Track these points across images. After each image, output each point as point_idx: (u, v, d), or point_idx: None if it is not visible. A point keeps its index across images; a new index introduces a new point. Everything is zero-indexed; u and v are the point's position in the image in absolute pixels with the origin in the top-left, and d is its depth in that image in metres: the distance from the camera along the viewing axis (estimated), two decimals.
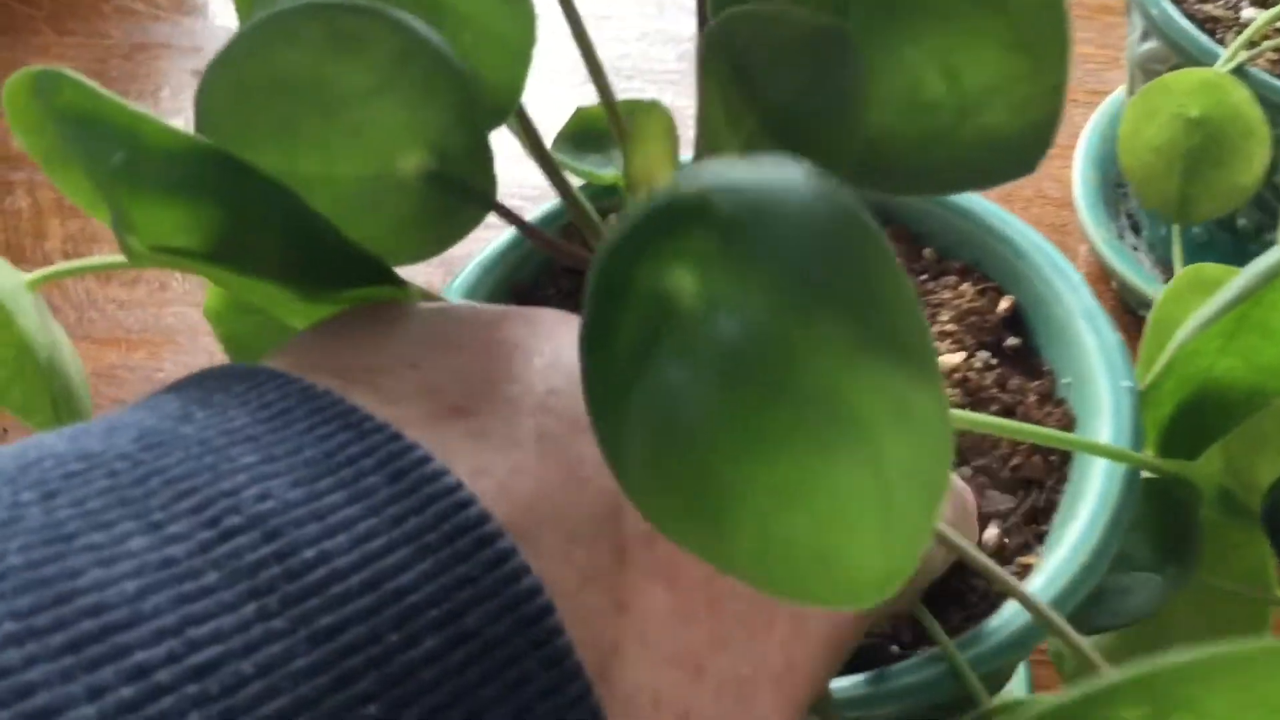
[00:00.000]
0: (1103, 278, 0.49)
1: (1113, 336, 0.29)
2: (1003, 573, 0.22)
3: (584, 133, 0.35)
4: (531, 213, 0.32)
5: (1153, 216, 0.47)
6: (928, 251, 0.33)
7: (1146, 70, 0.44)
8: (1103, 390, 0.28)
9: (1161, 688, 0.17)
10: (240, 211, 0.17)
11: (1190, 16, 0.42)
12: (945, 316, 0.31)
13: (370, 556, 0.14)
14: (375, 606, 0.14)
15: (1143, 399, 0.30)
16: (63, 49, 0.62)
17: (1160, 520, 0.28)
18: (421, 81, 0.17)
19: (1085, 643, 0.21)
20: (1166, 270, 0.48)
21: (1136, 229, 0.49)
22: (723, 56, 0.19)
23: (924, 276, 0.33)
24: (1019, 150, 0.20)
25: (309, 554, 0.14)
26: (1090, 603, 0.25)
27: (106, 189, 0.17)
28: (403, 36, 0.17)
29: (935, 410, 0.14)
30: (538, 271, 0.33)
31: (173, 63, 0.61)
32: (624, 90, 0.62)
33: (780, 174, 0.15)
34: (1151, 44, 0.43)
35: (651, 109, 0.21)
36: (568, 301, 0.32)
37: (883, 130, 0.20)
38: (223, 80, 0.18)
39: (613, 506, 0.17)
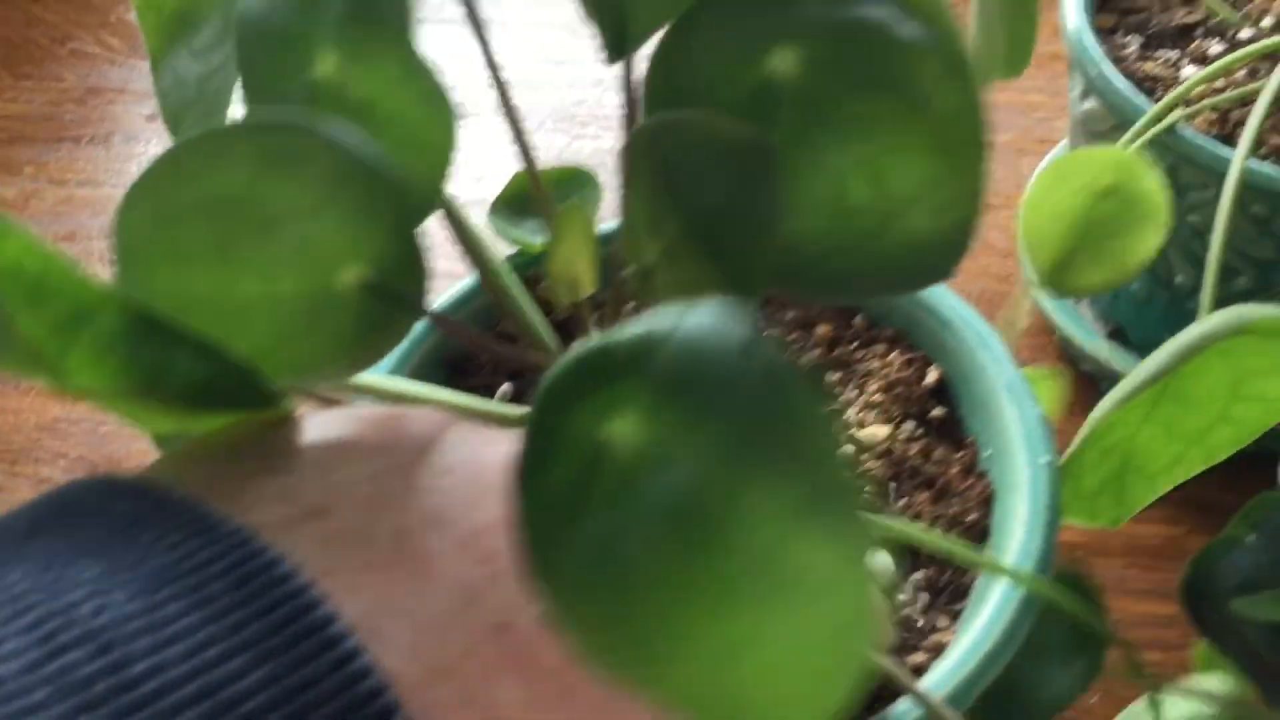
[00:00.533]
0: (1046, 330, 0.49)
1: (1034, 411, 0.30)
2: (897, 670, 0.22)
3: (522, 197, 0.35)
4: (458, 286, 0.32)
5: None
6: (858, 319, 0.33)
7: (1087, 127, 0.44)
8: (1021, 465, 0.29)
9: None
10: (154, 363, 0.17)
11: (1130, 75, 0.43)
12: (873, 386, 0.32)
13: (206, 665, 0.14)
14: (209, 714, 0.14)
15: (1064, 470, 0.30)
16: (17, 92, 0.61)
17: (1071, 608, 0.28)
18: (361, 198, 0.17)
19: None
20: (1108, 323, 0.48)
21: None
22: (647, 160, 0.19)
23: (854, 344, 0.33)
24: (940, 253, 0.20)
25: (142, 666, 0.14)
26: (1004, 697, 0.25)
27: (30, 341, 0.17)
28: (339, 155, 0.17)
29: (859, 569, 0.14)
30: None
31: (127, 108, 0.61)
32: (579, 135, 0.62)
33: (715, 326, 0.15)
34: (1091, 103, 0.43)
35: (572, 211, 0.21)
36: (499, 371, 0.32)
37: (811, 235, 0.20)
38: (147, 204, 0.18)
39: (464, 600, 0.17)
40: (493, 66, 0.22)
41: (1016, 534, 0.28)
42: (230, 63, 0.22)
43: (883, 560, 0.27)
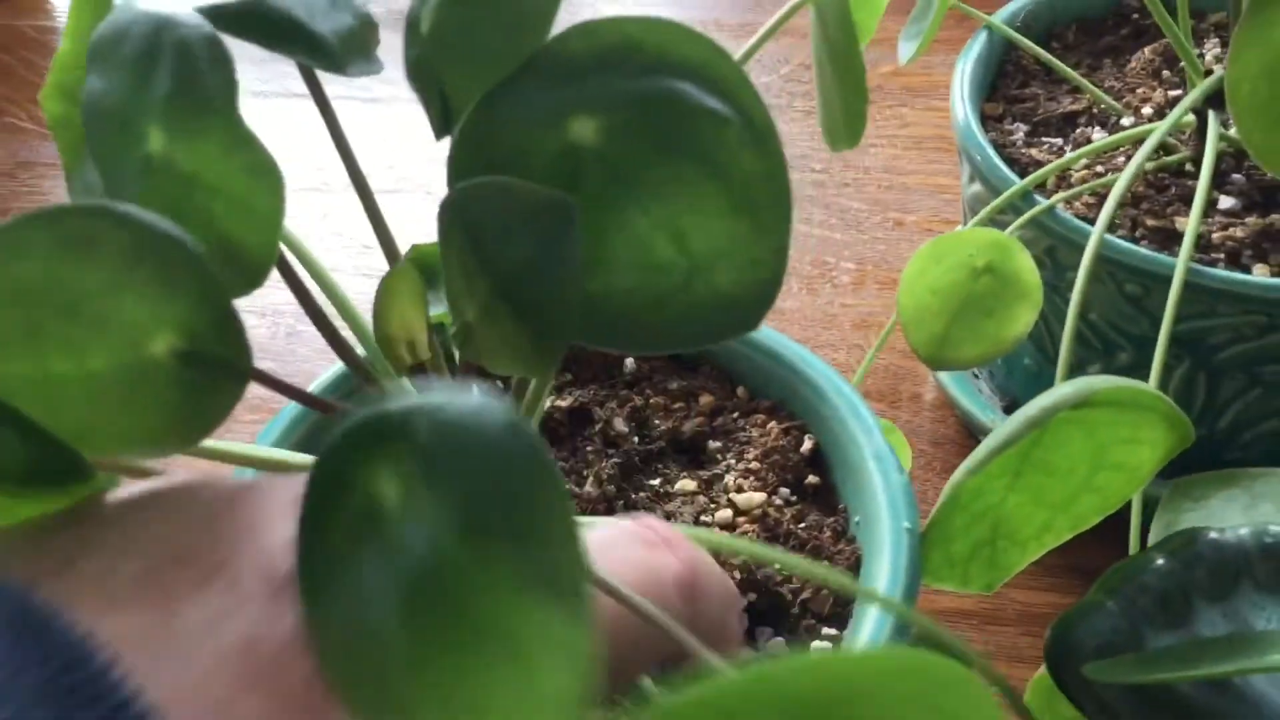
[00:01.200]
0: (948, 404, 0.50)
1: (899, 479, 0.30)
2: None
3: (426, 268, 0.35)
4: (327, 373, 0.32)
5: None
6: (740, 390, 0.34)
7: (975, 209, 0.45)
8: (885, 531, 0.29)
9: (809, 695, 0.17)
10: None
11: (1015, 160, 0.44)
12: (752, 454, 0.32)
13: None
14: None
15: (929, 535, 0.31)
16: None
17: None
18: (159, 272, 0.18)
19: None
20: (1005, 397, 0.49)
21: None
22: (459, 225, 0.20)
23: (735, 414, 0.34)
24: (744, 308, 0.21)
25: None
26: None
27: None
28: (131, 232, 0.18)
29: (581, 641, 0.15)
30: None
31: (57, 182, 0.62)
32: None
33: (476, 407, 0.16)
34: (977, 186, 0.44)
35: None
36: None
37: (620, 291, 0.21)
38: None
39: (208, 625, 0.17)
40: (341, 142, 0.23)
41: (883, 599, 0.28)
42: None
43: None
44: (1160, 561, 0.31)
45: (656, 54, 0.21)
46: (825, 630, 0.29)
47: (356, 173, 0.23)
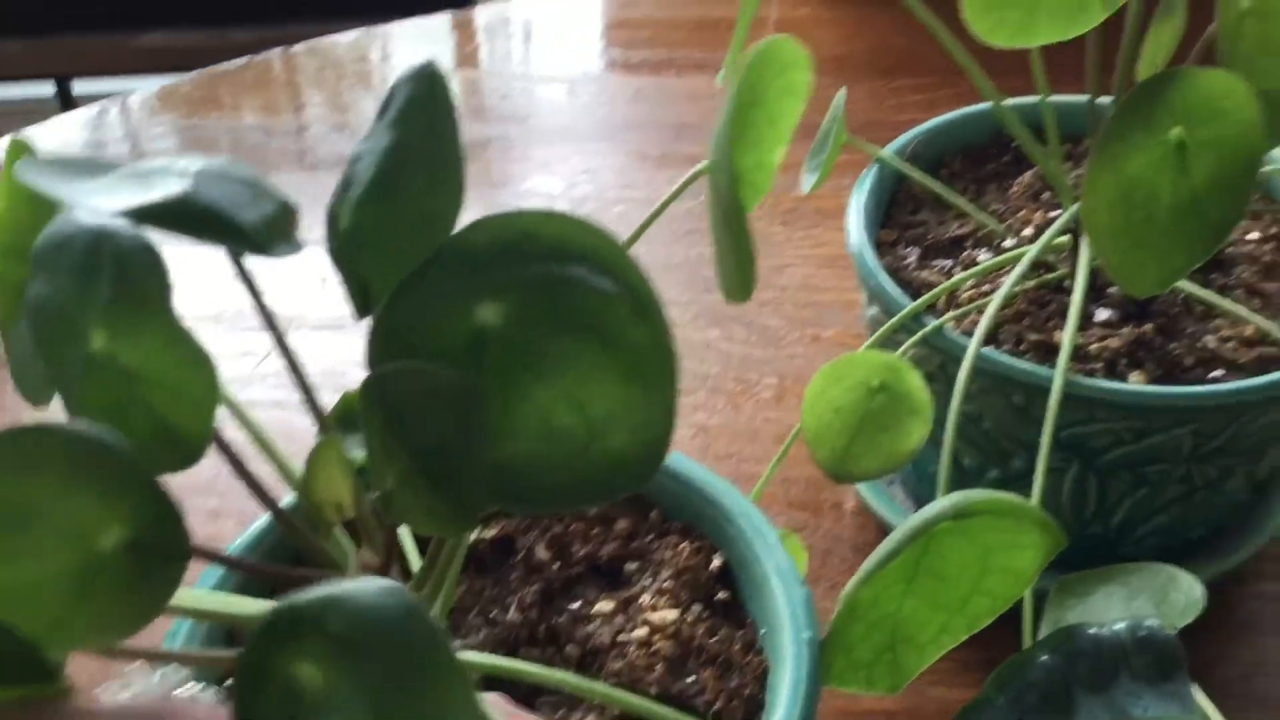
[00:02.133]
0: (867, 511, 0.53)
1: (800, 592, 0.33)
2: None
3: (349, 416, 0.38)
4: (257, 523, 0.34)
5: None
6: (654, 513, 0.37)
7: (874, 329, 0.49)
8: (788, 641, 0.32)
9: None
10: None
11: (908, 283, 0.48)
12: (665, 574, 0.35)
13: None
14: None
15: (830, 643, 0.33)
16: None
17: None
18: (100, 475, 0.20)
19: None
20: (918, 502, 0.52)
21: None
22: (378, 405, 0.23)
23: (649, 536, 0.36)
24: (638, 464, 0.24)
25: None
26: None
27: None
28: (73, 446, 0.20)
29: None
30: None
31: None
32: None
33: (381, 598, 0.18)
34: (875, 308, 0.48)
35: (325, 444, 0.24)
36: None
37: (525, 457, 0.23)
38: None
39: None
40: (268, 317, 0.25)
41: (783, 703, 0.30)
42: None
43: None
44: (1044, 658, 0.34)
45: (550, 242, 0.23)
46: None
47: (284, 345, 0.26)
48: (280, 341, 0.26)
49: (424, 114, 0.23)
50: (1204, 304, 0.45)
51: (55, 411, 0.23)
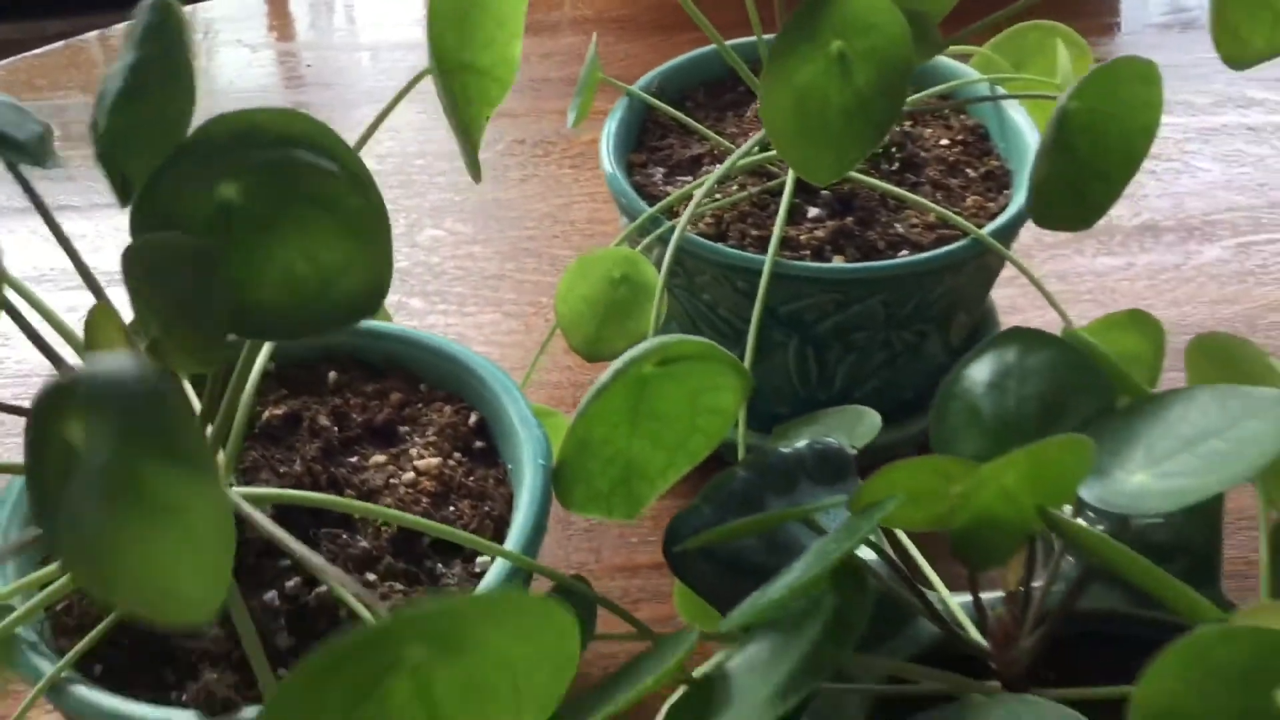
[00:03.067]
0: None
1: (538, 433, 0.39)
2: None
3: None
4: None
5: None
6: (423, 386, 0.43)
7: (630, 239, 0.55)
8: (527, 470, 0.38)
9: (437, 627, 0.25)
10: None
11: (653, 198, 0.54)
12: (431, 431, 0.41)
13: None
14: None
15: (564, 472, 0.39)
16: None
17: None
18: None
19: None
20: None
21: None
22: (137, 270, 0.28)
23: (420, 404, 0.42)
24: (364, 300, 0.30)
25: None
26: None
27: None
28: None
29: (218, 494, 0.23)
30: None
31: None
32: None
33: (120, 365, 0.23)
34: (625, 220, 0.54)
35: (100, 309, 0.30)
36: None
37: (274, 300, 0.29)
38: None
39: None
40: (86, 274, 0.30)
41: (522, 512, 0.37)
42: None
43: None
44: (742, 473, 0.41)
45: (278, 131, 0.29)
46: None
47: (93, 284, 0.31)
48: (99, 295, 0.31)
49: (159, 36, 0.29)
50: (896, 198, 0.53)
51: None
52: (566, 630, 0.25)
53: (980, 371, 0.36)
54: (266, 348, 0.37)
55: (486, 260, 0.71)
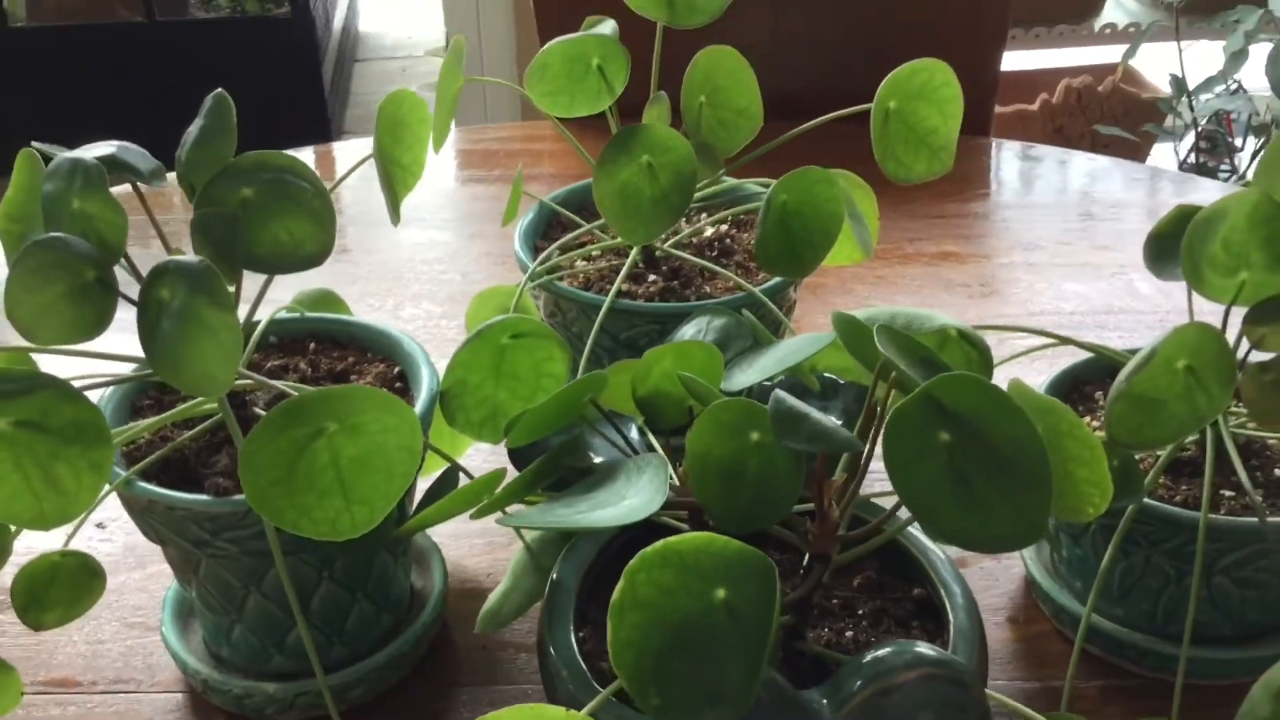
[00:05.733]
0: None
1: (435, 379, 0.60)
2: None
3: None
4: None
5: None
6: (369, 353, 0.64)
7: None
8: (425, 390, 0.59)
9: (344, 407, 0.46)
10: None
11: (552, 269, 0.76)
12: (370, 376, 0.62)
13: None
14: None
15: (448, 402, 0.60)
16: None
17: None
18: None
19: None
20: None
21: None
22: (199, 225, 0.50)
23: (365, 363, 0.63)
24: (318, 258, 0.52)
25: None
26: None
27: None
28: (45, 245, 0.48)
29: (231, 317, 0.44)
30: None
31: None
32: None
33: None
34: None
35: (176, 251, 0.51)
36: None
37: (270, 252, 0.51)
38: None
39: None
40: (160, 232, 0.53)
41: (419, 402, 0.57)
42: None
43: None
44: None
45: (275, 164, 0.51)
46: None
47: (164, 240, 0.53)
48: (167, 247, 0.54)
49: (217, 111, 0.51)
50: (710, 271, 0.75)
51: None
52: (415, 425, 0.46)
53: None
54: (265, 325, 0.59)
55: (452, 330, 0.93)
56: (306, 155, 1.25)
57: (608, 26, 0.72)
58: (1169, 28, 1.85)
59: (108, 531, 0.74)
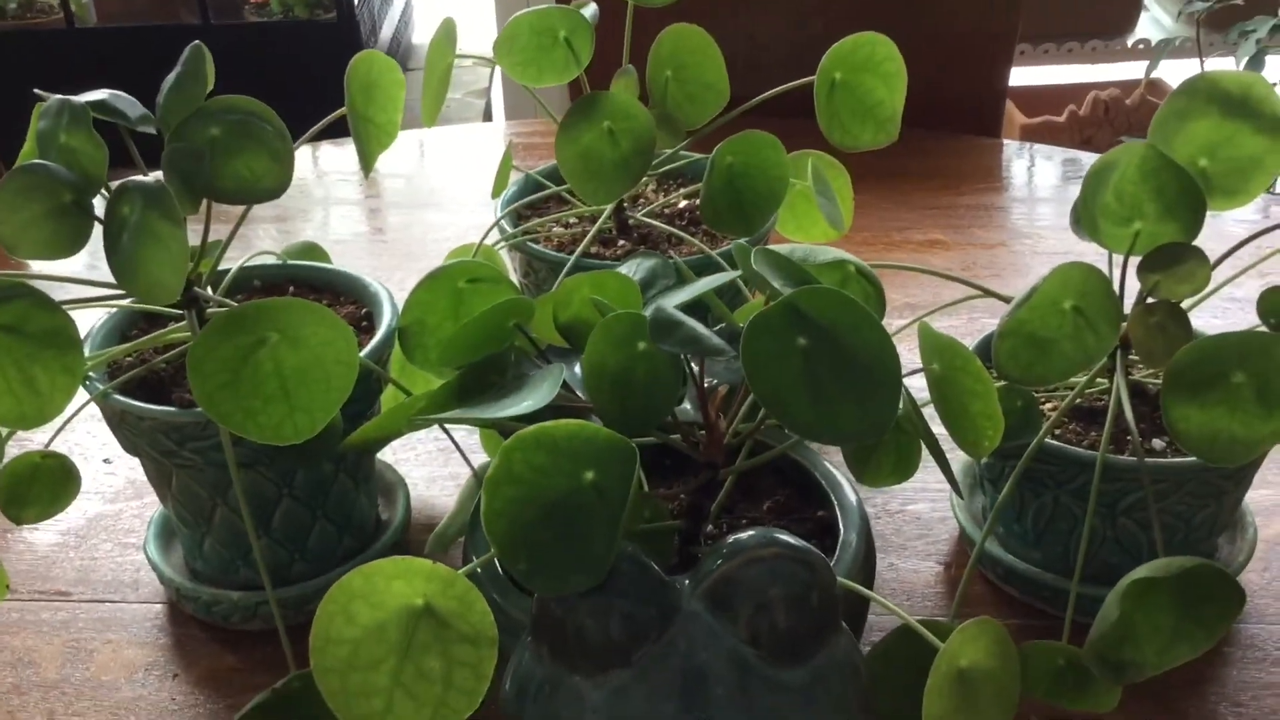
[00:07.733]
0: None
1: (396, 314, 0.64)
2: None
3: None
4: None
5: None
6: (341, 296, 0.68)
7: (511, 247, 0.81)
8: (384, 325, 0.63)
9: (286, 319, 0.51)
10: None
11: (529, 232, 0.80)
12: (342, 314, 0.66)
13: None
14: None
15: (406, 333, 0.64)
16: None
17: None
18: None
19: None
20: None
21: None
22: (170, 159, 0.55)
23: (336, 305, 0.68)
24: (275, 192, 0.56)
25: None
26: None
27: None
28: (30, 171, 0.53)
29: (180, 231, 0.49)
30: None
31: None
32: None
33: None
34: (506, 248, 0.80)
35: (146, 174, 0.56)
36: None
37: (234, 186, 0.56)
38: None
39: None
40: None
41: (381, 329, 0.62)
42: None
43: None
44: None
45: (241, 104, 0.56)
46: None
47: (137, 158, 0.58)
48: (145, 172, 0.59)
49: (193, 60, 0.56)
50: (677, 237, 0.78)
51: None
52: (352, 341, 0.50)
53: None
54: (241, 266, 0.63)
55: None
56: (346, 151, 1.31)
57: (589, 10, 0.76)
58: (1195, 43, 1.85)
59: (113, 467, 0.79)
